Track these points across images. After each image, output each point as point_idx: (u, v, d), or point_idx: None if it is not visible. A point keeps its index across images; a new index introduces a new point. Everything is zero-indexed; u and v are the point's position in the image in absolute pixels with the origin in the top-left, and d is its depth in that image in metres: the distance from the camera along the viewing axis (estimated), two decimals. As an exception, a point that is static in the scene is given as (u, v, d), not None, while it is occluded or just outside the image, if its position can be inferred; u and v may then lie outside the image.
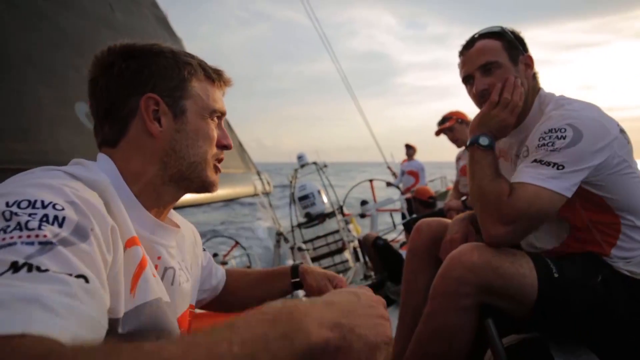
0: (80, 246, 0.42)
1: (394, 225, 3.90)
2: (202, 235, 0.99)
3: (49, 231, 0.40)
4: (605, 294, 0.93)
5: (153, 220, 0.64)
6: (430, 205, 3.77)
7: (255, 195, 4.02)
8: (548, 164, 0.93)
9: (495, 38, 1.06)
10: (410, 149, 6.06)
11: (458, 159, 2.90)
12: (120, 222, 0.54)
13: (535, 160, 0.95)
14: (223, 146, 0.70)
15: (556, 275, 0.93)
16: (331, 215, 5.01)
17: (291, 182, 5.36)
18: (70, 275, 0.38)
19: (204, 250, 0.89)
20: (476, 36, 1.09)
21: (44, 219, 0.41)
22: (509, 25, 1.10)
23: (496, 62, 1.04)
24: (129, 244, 0.55)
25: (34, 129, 1.88)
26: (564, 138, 0.93)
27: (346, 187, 5.05)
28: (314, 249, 5.28)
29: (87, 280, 0.39)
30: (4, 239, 0.38)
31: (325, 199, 5.27)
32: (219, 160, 0.71)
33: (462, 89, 1.16)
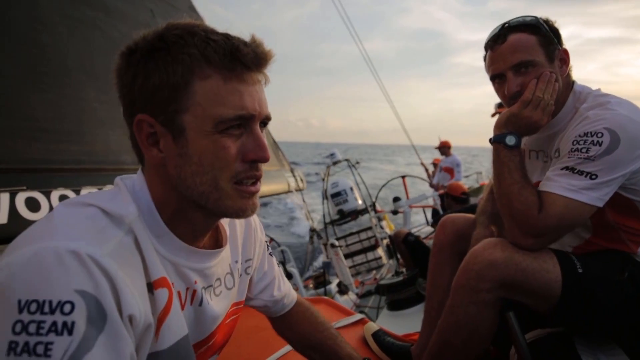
0: (89, 355, 0.42)
1: (427, 222, 3.89)
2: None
3: (56, 352, 0.40)
4: (633, 290, 0.92)
5: (186, 248, 0.60)
6: (462, 201, 3.74)
7: (288, 192, 4.11)
8: (581, 173, 0.89)
9: (530, 32, 0.97)
10: (442, 148, 5.97)
11: None
12: (148, 261, 0.54)
13: (567, 168, 0.91)
14: (252, 160, 0.55)
15: (580, 270, 0.92)
16: (364, 212, 5.02)
17: (324, 179, 5.42)
18: None
19: (270, 255, 0.89)
20: (506, 26, 1.00)
21: (52, 330, 0.40)
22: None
23: (532, 61, 0.97)
24: (156, 285, 0.54)
25: (88, 131, 2.04)
26: (600, 144, 0.87)
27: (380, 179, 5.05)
28: (347, 245, 5.32)
29: None
30: None
31: (357, 196, 5.30)
32: (251, 177, 0.56)
33: None
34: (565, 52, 1.01)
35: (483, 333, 0.95)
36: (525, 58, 0.97)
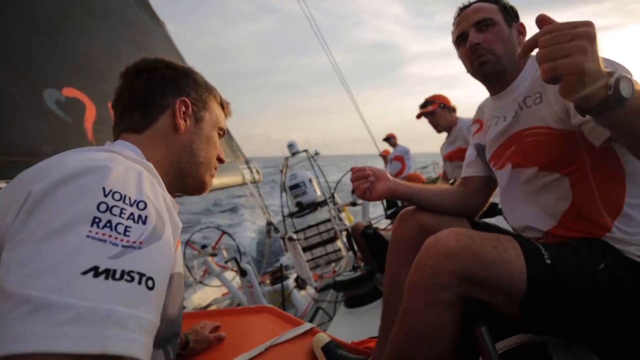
0: (153, 246, 0.49)
1: (386, 214, 3.81)
2: (191, 226, 1.05)
3: (133, 234, 0.48)
4: (609, 284, 0.80)
5: None
6: (421, 192, 3.69)
7: (243, 184, 3.91)
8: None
9: (491, 2, 1.10)
10: (390, 140, 6.12)
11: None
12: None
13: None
14: (219, 159, 0.85)
15: (548, 261, 0.81)
16: (323, 204, 4.92)
17: (282, 170, 5.26)
18: (141, 277, 0.46)
19: None
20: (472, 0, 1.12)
21: (131, 217, 0.49)
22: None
23: (492, 19, 1.05)
24: None
25: (1, 117, 1.77)
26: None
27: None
28: (306, 238, 5.21)
29: (152, 283, 0.47)
30: (96, 233, 0.45)
31: (316, 188, 5.19)
32: (216, 168, 0.85)
33: (472, 77, 1.15)
34: (522, 26, 1.10)
35: (444, 342, 0.81)
36: (487, 16, 1.06)
